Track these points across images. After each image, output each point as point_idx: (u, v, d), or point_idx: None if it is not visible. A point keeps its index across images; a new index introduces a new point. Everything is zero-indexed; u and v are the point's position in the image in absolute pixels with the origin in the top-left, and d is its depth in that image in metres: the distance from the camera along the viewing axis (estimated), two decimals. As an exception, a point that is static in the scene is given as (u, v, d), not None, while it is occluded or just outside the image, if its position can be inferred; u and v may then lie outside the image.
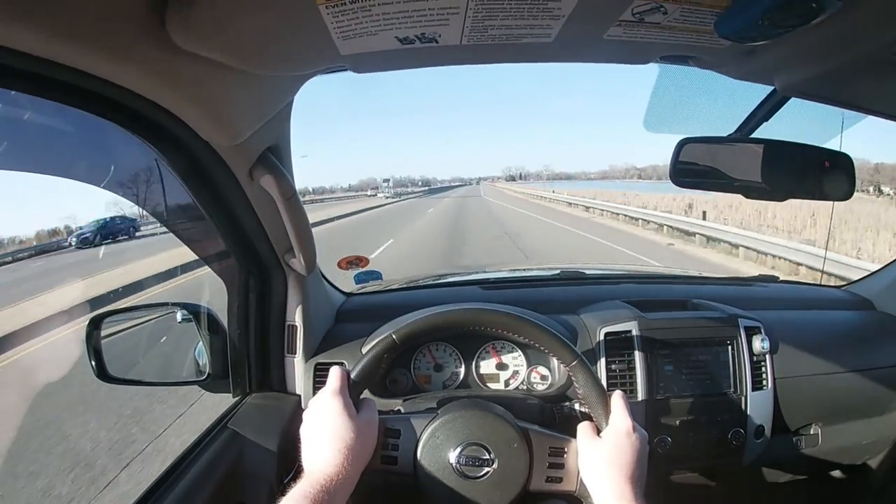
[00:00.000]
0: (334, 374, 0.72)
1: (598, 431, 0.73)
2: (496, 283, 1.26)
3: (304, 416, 0.71)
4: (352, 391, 0.72)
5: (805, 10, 0.48)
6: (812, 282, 1.51)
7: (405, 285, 1.47)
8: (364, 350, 0.97)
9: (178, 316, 1.11)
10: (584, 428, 0.74)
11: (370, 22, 0.52)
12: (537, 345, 0.81)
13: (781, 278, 1.50)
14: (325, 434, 0.67)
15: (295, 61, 0.60)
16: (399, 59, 0.63)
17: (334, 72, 0.68)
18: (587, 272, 1.36)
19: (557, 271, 1.35)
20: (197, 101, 0.59)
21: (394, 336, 0.77)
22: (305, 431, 0.70)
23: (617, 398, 0.73)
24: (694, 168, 0.79)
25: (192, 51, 0.49)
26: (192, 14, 0.45)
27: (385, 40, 0.57)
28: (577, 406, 0.85)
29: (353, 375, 0.74)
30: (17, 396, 3.66)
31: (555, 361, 1.05)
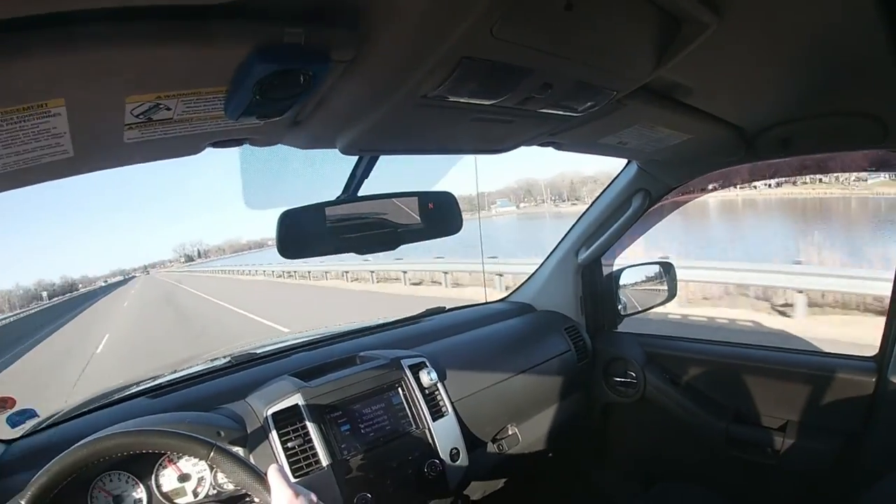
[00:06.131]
0: None
1: None
2: (164, 387, 1.10)
3: None
4: None
5: (292, 80, 0.49)
6: (477, 302, 1.77)
7: (70, 415, 1.14)
8: None
9: None
10: None
11: None
12: (170, 452, 0.75)
13: (448, 307, 1.67)
14: None
15: None
16: None
17: None
18: (259, 352, 1.31)
19: (228, 359, 1.26)
20: None
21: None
22: None
23: (272, 472, 0.69)
24: (302, 238, 0.80)
25: None
26: None
27: None
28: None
29: None
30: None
31: None
